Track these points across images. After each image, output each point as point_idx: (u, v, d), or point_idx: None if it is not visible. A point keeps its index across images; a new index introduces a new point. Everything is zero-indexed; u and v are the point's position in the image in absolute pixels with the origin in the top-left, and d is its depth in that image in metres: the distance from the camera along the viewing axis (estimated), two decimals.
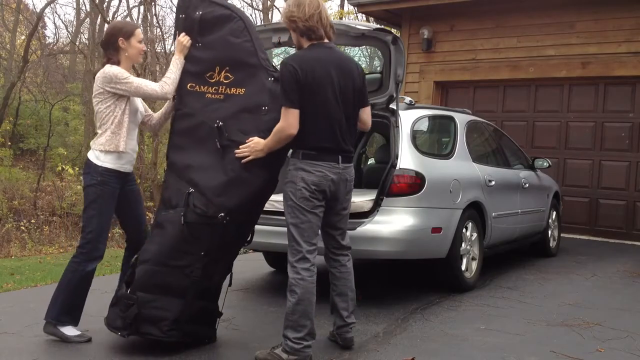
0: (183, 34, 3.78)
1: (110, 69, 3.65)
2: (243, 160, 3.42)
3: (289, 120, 3.27)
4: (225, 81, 3.65)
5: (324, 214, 3.42)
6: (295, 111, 3.28)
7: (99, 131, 3.71)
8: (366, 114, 3.62)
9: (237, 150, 3.44)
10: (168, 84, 3.68)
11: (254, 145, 3.41)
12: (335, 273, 3.55)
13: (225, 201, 3.41)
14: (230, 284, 3.74)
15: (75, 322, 3.75)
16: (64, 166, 19.98)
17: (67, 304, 3.69)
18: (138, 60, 3.93)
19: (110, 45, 3.75)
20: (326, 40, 3.44)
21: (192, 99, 3.68)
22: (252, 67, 3.65)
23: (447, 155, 5.21)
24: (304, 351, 3.29)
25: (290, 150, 3.50)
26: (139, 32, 3.82)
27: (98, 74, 3.70)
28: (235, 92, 3.61)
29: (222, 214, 3.39)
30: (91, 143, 3.76)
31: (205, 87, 3.68)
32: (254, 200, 3.53)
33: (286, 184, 3.41)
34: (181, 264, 3.44)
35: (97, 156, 3.67)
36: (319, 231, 3.47)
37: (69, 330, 3.70)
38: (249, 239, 3.70)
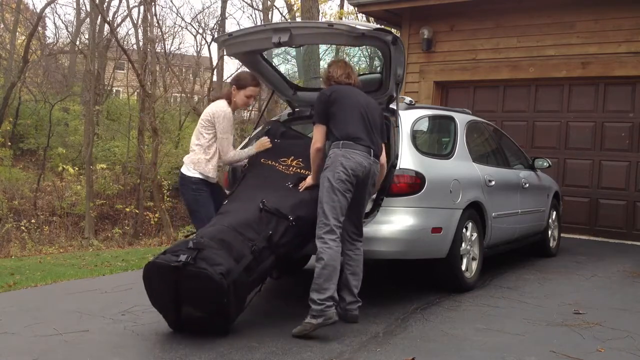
0: (266, 137, 4.71)
1: (230, 115, 4.45)
2: (301, 189, 4.21)
3: (317, 136, 4.05)
4: (295, 165, 4.50)
5: (350, 203, 3.94)
6: (322, 127, 4.04)
7: (195, 148, 4.46)
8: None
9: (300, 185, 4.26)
10: (234, 158, 4.56)
11: (308, 180, 4.24)
12: (352, 255, 4.07)
13: (296, 210, 4.08)
14: (260, 290, 4.08)
15: None
16: (64, 166, 20.00)
17: None
18: (242, 108, 4.73)
19: (230, 84, 4.61)
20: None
21: (263, 168, 4.55)
22: None
23: (447, 155, 5.20)
24: (327, 311, 3.74)
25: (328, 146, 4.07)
26: (252, 90, 4.56)
27: (220, 109, 4.43)
28: (305, 173, 4.37)
29: (292, 218, 4.02)
30: (185, 158, 4.51)
31: (276, 164, 4.55)
32: (314, 222, 3.99)
33: (325, 169, 3.94)
34: (249, 235, 3.91)
35: (189, 169, 4.44)
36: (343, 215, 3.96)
37: None
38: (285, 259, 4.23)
